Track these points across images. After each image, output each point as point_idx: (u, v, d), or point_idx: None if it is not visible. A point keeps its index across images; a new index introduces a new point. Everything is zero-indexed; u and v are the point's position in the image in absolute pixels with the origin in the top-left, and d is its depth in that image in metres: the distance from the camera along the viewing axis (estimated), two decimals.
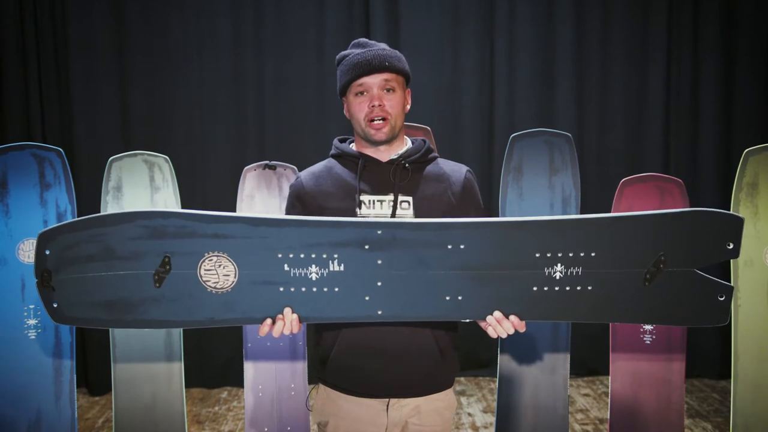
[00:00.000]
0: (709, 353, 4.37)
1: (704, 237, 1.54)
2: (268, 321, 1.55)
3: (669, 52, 4.39)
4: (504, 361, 2.69)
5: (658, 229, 1.54)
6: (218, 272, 1.53)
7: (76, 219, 1.52)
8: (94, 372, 4.20)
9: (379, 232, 1.53)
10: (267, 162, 2.62)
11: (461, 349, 1.86)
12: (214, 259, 1.52)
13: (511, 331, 1.56)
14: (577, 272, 1.55)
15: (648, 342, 2.59)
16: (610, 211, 2.59)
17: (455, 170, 1.79)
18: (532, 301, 1.56)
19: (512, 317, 1.55)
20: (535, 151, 2.66)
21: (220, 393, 4.24)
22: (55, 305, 1.51)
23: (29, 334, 2.44)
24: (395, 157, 1.73)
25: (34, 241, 2.44)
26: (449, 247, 1.54)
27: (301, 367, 2.63)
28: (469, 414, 3.81)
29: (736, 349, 2.52)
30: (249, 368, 2.62)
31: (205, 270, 1.53)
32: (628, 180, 2.59)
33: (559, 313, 1.59)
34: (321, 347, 1.77)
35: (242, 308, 1.55)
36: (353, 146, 1.78)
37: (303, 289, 1.54)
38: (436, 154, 1.81)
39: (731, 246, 1.54)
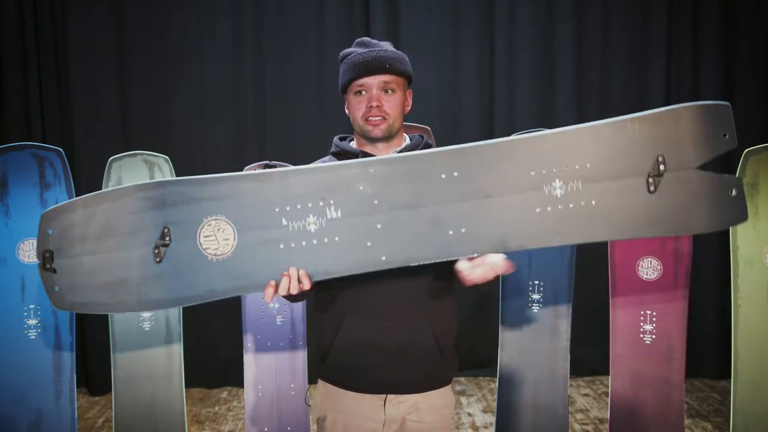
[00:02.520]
0: (709, 353, 4.37)
1: (698, 132, 1.50)
2: (272, 282, 1.52)
3: (669, 52, 4.39)
4: (504, 361, 2.69)
5: (649, 132, 1.50)
6: (217, 237, 1.52)
7: (78, 197, 1.51)
8: (94, 372, 4.20)
9: (371, 170, 1.52)
10: (267, 162, 2.62)
11: (461, 349, 1.86)
12: (213, 223, 1.51)
13: (490, 275, 1.52)
14: (578, 187, 1.50)
15: (648, 342, 2.59)
16: None
17: None
18: (538, 223, 1.51)
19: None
20: None
21: (220, 393, 4.24)
22: (56, 289, 1.51)
23: (29, 334, 2.44)
24: (394, 152, 1.73)
25: (35, 241, 2.46)
26: (443, 176, 1.51)
27: (301, 367, 2.63)
28: (469, 414, 3.81)
29: (736, 349, 2.52)
30: (249, 368, 2.62)
31: (204, 237, 1.52)
32: None
33: (569, 234, 1.52)
34: (321, 344, 1.78)
35: (244, 273, 1.52)
36: (353, 144, 1.79)
37: (303, 243, 1.52)
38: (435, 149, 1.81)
39: (726, 136, 1.51)
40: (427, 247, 1.52)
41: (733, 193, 1.52)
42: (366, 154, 1.74)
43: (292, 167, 1.56)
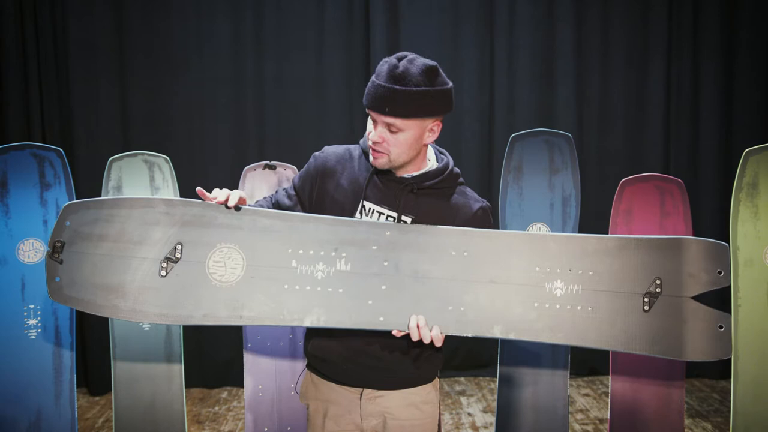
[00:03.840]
0: None
1: (696, 265, 1.57)
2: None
3: (669, 52, 4.39)
4: (504, 361, 2.69)
5: (653, 254, 1.56)
6: (226, 264, 1.54)
7: (105, 198, 1.55)
8: (94, 372, 4.20)
9: (388, 233, 1.55)
10: (267, 162, 2.62)
11: (462, 349, 1.86)
12: (225, 250, 1.54)
13: (428, 341, 1.55)
14: (578, 291, 1.55)
15: None
16: (610, 212, 2.60)
17: (468, 204, 1.70)
18: (533, 317, 1.55)
19: (434, 328, 1.54)
20: (535, 151, 2.66)
21: (220, 393, 4.24)
22: (57, 279, 1.53)
23: (29, 334, 2.44)
24: (408, 176, 1.67)
25: (35, 241, 2.46)
26: (453, 253, 1.55)
27: (301, 367, 2.63)
28: (469, 414, 3.81)
29: (736, 348, 2.51)
30: (249, 368, 2.62)
31: (213, 261, 1.54)
32: (628, 180, 2.59)
33: (559, 333, 1.57)
34: (305, 335, 1.80)
35: (243, 304, 1.54)
36: None
37: (308, 288, 1.55)
38: (461, 181, 1.74)
39: (722, 273, 1.57)
40: (425, 317, 1.55)
41: (721, 328, 1.58)
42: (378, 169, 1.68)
43: (315, 216, 1.57)
